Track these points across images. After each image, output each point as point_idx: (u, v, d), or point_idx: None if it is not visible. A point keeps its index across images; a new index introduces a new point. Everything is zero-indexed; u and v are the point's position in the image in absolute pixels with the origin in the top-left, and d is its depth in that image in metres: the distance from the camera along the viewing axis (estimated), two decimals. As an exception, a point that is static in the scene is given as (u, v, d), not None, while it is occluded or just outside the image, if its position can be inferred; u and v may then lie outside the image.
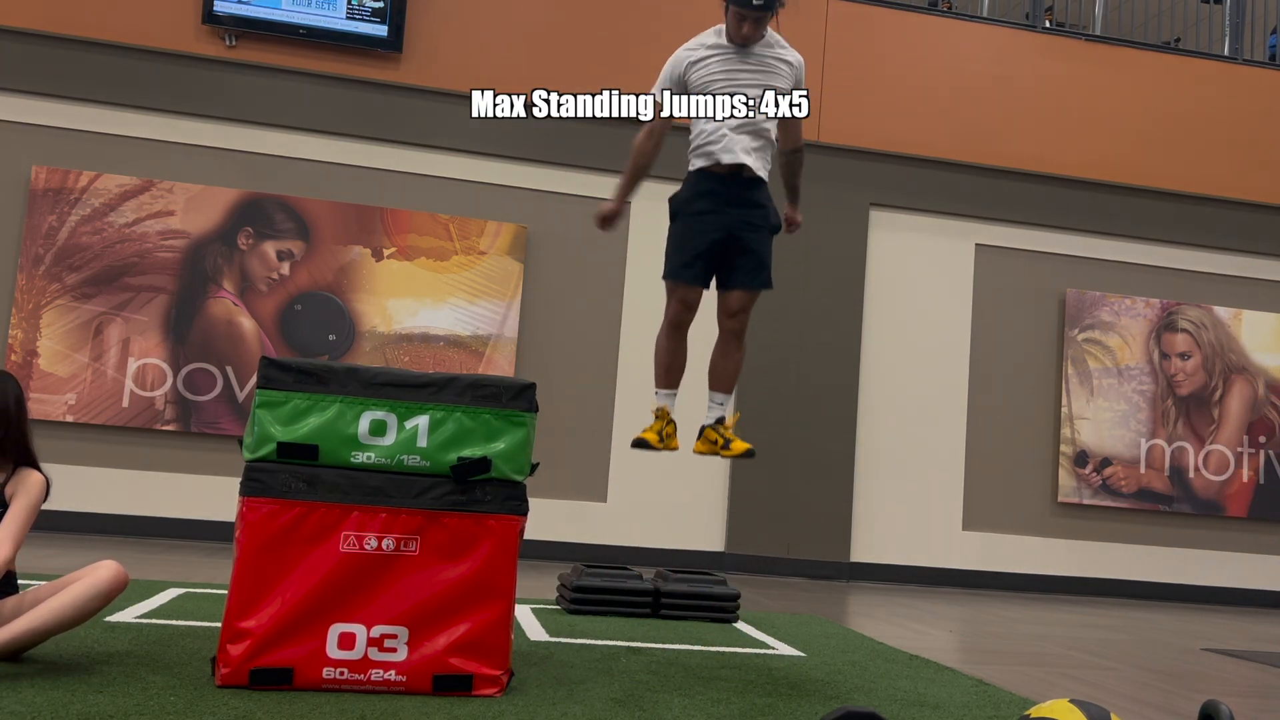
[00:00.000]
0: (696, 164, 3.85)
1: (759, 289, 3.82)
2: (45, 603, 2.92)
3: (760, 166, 3.82)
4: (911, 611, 6.26)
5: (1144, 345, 8.80)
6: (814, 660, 4.05)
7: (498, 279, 7.84)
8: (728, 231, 3.77)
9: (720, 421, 3.79)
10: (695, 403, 4.34)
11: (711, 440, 3.79)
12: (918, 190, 8.60)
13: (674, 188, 4.06)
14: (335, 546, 2.91)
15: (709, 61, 3.80)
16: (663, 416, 3.82)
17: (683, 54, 3.86)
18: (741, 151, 3.74)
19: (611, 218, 3.90)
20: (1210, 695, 4.03)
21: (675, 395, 3.84)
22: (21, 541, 2.96)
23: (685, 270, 3.75)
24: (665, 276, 3.81)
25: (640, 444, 3.67)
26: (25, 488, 3.03)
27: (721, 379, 3.83)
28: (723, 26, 3.87)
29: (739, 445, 3.67)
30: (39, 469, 3.09)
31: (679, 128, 3.96)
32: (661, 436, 3.73)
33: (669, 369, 3.80)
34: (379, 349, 7.65)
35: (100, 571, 2.95)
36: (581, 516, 7.83)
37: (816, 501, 8.12)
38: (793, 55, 3.91)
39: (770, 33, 3.87)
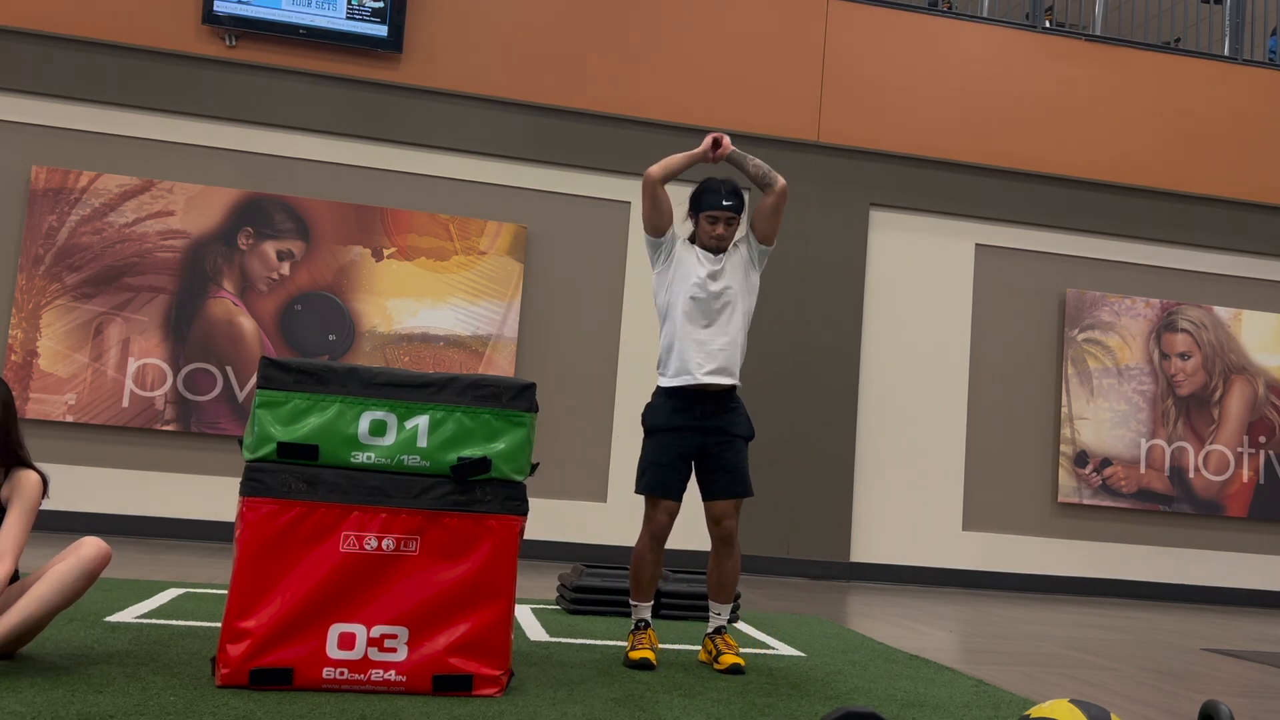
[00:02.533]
0: (665, 382, 3.84)
1: (741, 497, 3.83)
2: (32, 590, 2.90)
3: (729, 376, 3.80)
4: (911, 611, 6.26)
5: (1144, 345, 8.80)
6: (814, 660, 4.05)
7: (498, 279, 7.84)
8: (701, 448, 3.80)
9: (720, 632, 3.82)
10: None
11: (708, 650, 3.83)
12: (918, 190, 8.60)
13: (672, 189, 4.05)
14: (335, 546, 2.91)
15: (689, 260, 3.79)
16: (644, 630, 3.79)
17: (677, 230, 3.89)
18: (708, 373, 3.75)
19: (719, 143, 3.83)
20: (1210, 695, 4.03)
21: (650, 608, 3.87)
22: (22, 549, 2.94)
23: (660, 487, 3.78)
24: (639, 492, 3.82)
25: (641, 665, 3.63)
26: (21, 491, 2.98)
27: (720, 590, 3.87)
28: (688, 239, 3.88)
29: (726, 659, 3.68)
30: (34, 467, 3.04)
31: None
32: (655, 651, 3.73)
33: (649, 583, 3.85)
34: (379, 349, 7.65)
35: (83, 549, 2.94)
36: (581, 516, 7.83)
37: (816, 501, 8.12)
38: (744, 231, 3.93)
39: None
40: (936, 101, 8.60)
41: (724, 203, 3.77)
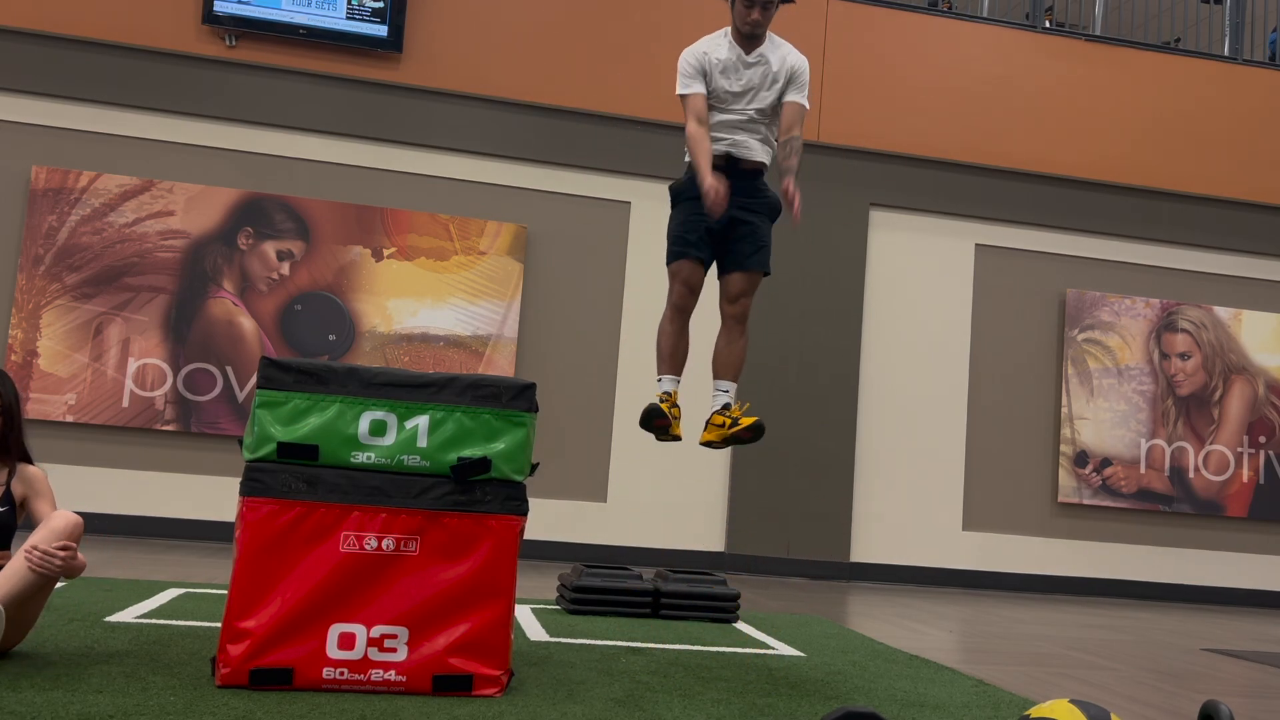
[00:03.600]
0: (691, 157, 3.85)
1: (758, 270, 3.81)
2: (8, 565, 2.90)
3: (761, 153, 3.83)
4: (911, 611, 6.26)
5: (1144, 345, 8.80)
6: (814, 660, 4.05)
7: (498, 279, 7.84)
8: (727, 215, 3.76)
9: (726, 408, 3.79)
10: (698, 396, 4.33)
11: (718, 424, 3.77)
12: (918, 190, 8.60)
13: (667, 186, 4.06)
14: (335, 546, 2.91)
15: (724, 72, 3.79)
16: (669, 399, 3.80)
17: (704, 50, 3.83)
18: (740, 144, 3.75)
19: (719, 186, 3.74)
20: (1210, 695, 4.03)
21: (679, 381, 3.83)
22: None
23: (688, 249, 3.74)
24: (669, 260, 3.80)
25: (651, 413, 3.60)
26: (39, 485, 3.11)
27: (726, 367, 3.82)
28: (727, 29, 3.85)
29: (747, 420, 3.65)
30: (33, 463, 3.14)
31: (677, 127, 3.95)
32: (669, 415, 3.71)
33: (672, 354, 3.79)
34: (379, 349, 7.65)
35: (54, 522, 2.95)
36: (581, 516, 7.83)
37: (816, 501, 8.12)
38: (796, 59, 3.91)
39: (773, 37, 3.87)
40: (936, 101, 8.60)
41: None
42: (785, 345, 8.18)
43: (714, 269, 3.96)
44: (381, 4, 7.78)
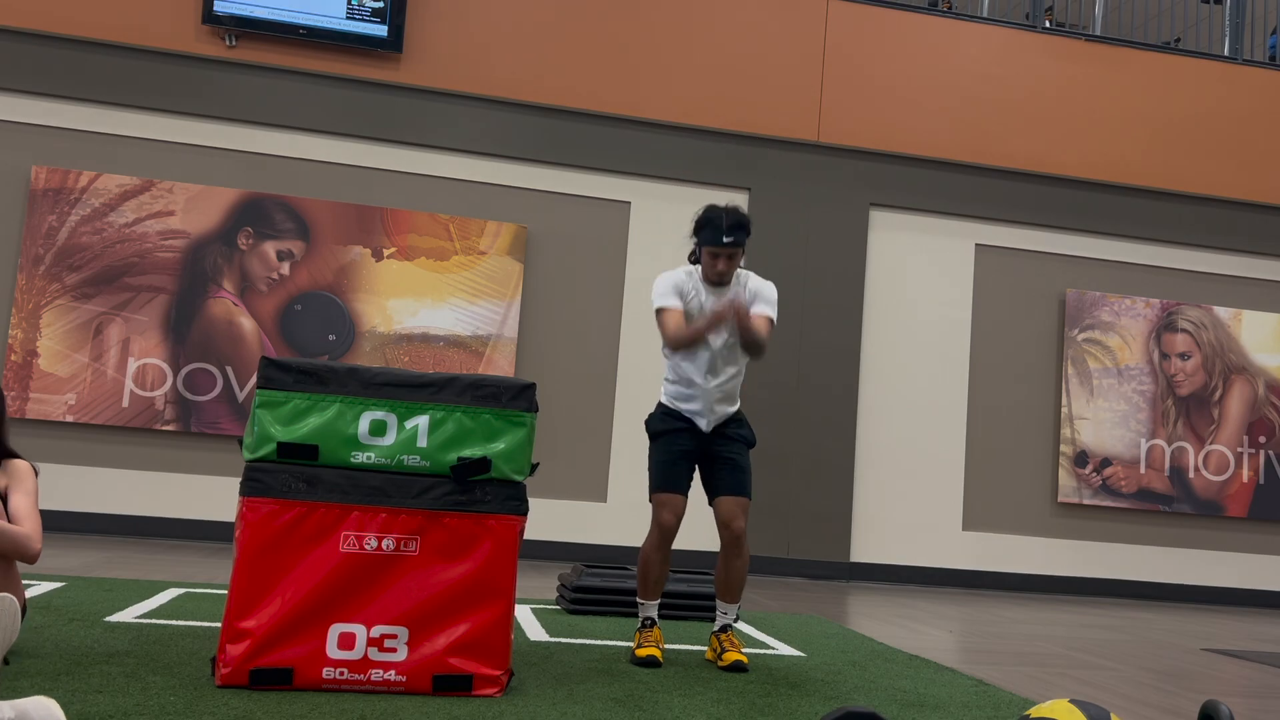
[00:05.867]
0: (669, 403, 3.87)
1: (745, 497, 3.84)
2: None
3: (730, 407, 3.87)
4: (911, 611, 6.26)
5: (1144, 345, 8.80)
6: (814, 660, 4.05)
7: (498, 279, 7.84)
8: (705, 448, 3.85)
9: (725, 630, 3.85)
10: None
11: (714, 649, 3.87)
12: (918, 190, 8.60)
13: (672, 189, 4.06)
14: (335, 546, 2.91)
15: (694, 298, 3.80)
16: (654, 630, 3.83)
17: (680, 276, 3.82)
18: (717, 412, 3.82)
19: (723, 306, 3.67)
20: (1210, 695, 4.03)
21: (658, 606, 3.89)
22: (40, 528, 2.98)
23: (668, 481, 3.79)
24: (652, 492, 3.83)
25: (648, 663, 3.68)
26: (19, 477, 3.06)
27: (728, 590, 3.89)
28: (693, 269, 3.85)
29: (730, 656, 3.73)
30: (20, 457, 3.10)
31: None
32: (661, 649, 3.78)
33: (656, 583, 3.87)
34: (379, 349, 7.65)
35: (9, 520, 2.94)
36: (581, 516, 7.83)
37: (816, 501, 8.12)
38: (760, 282, 3.89)
39: (739, 274, 3.86)
40: (936, 101, 8.60)
41: (724, 239, 3.71)
42: (785, 345, 8.18)
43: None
44: (381, 4, 7.78)
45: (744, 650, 3.79)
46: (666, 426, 3.86)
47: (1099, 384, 8.69)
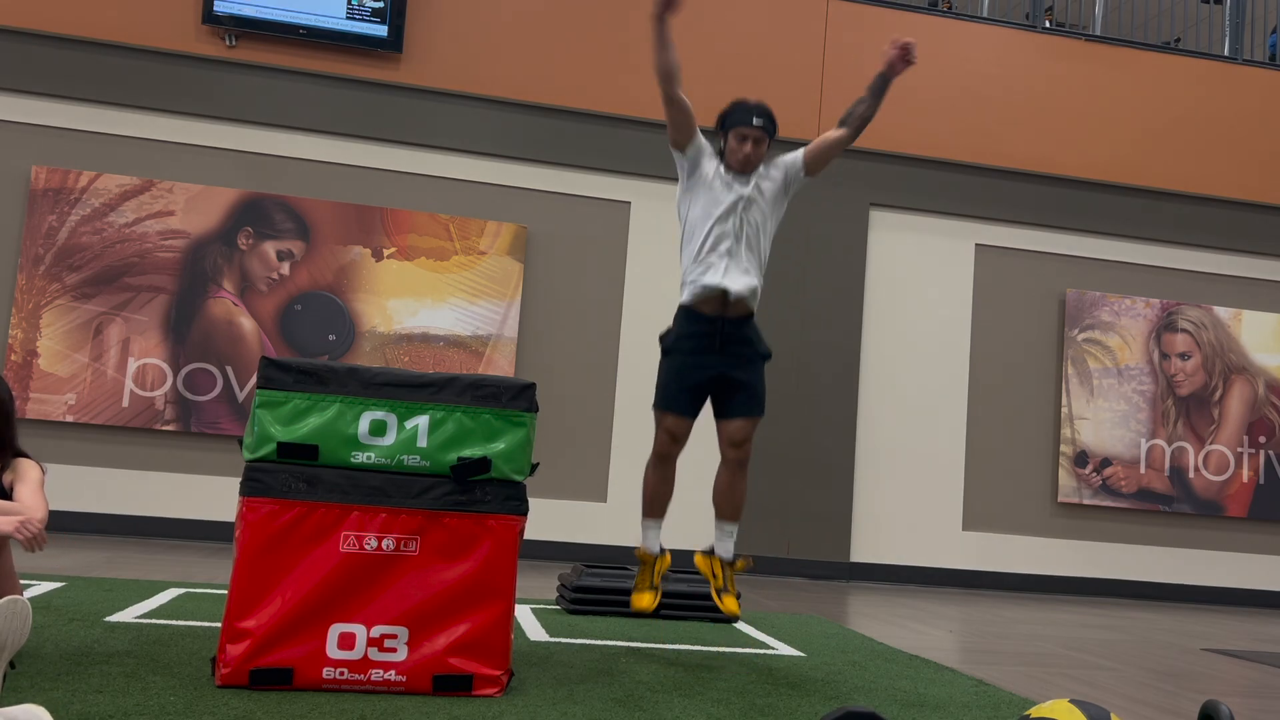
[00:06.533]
0: (685, 300, 3.83)
1: (755, 417, 3.81)
2: None
3: (749, 295, 3.80)
4: (911, 611, 6.26)
5: (1144, 345, 8.80)
6: (814, 660, 4.05)
7: (498, 279, 7.84)
8: (717, 371, 3.79)
9: (730, 564, 3.81)
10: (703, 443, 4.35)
11: (712, 574, 3.81)
12: (918, 190, 8.60)
13: (672, 189, 4.06)
14: (335, 546, 2.91)
15: (719, 175, 3.76)
16: (648, 563, 3.80)
17: (704, 145, 3.81)
18: (730, 276, 3.74)
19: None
20: (1210, 695, 4.03)
21: (660, 526, 3.85)
22: (45, 508, 2.95)
23: (675, 402, 3.75)
24: (655, 407, 3.79)
25: (642, 614, 3.66)
26: (24, 472, 3.06)
27: (727, 508, 3.83)
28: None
29: (729, 602, 3.68)
30: (29, 456, 3.10)
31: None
32: (656, 590, 3.73)
33: (656, 498, 3.82)
34: (379, 349, 7.65)
35: (14, 502, 2.93)
36: (581, 516, 7.83)
37: (816, 501, 8.12)
38: (782, 156, 3.88)
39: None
40: (936, 101, 8.60)
41: (754, 120, 3.67)
42: (785, 345, 8.18)
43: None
44: (381, 4, 7.78)
45: (742, 650, 3.77)
46: (682, 346, 3.77)
47: (1099, 384, 8.69)
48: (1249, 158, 9.07)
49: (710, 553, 3.94)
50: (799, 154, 3.89)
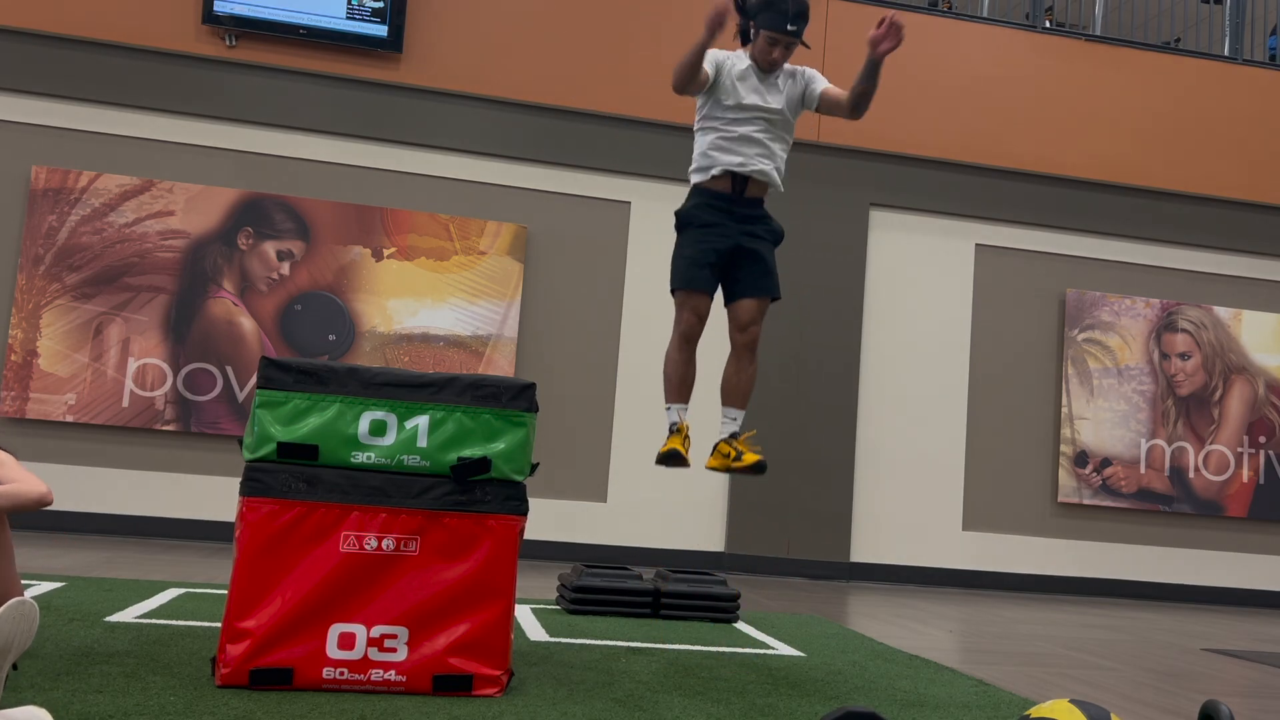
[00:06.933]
0: (698, 178, 3.83)
1: (767, 296, 3.80)
2: None
3: (769, 175, 3.81)
4: (911, 611, 6.26)
5: (1144, 345, 8.80)
6: (814, 660, 4.05)
7: (498, 279, 7.84)
8: (733, 241, 3.77)
9: (735, 436, 3.78)
10: (704, 422, 4.36)
11: (724, 454, 3.77)
12: (918, 190, 8.60)
13: (672, 189, 4.06)
14: (335, 546, 2.91)
15: (741, 78, 3.77)
16: (681, 431, 3.79)
17: (725, 55, 3.80)
18: (749, 162, 3.75)
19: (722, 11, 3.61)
20: (1210, 695, 4.03)
21: (687, 409, 3.82)
22: (35, 478, 2.90)
23: (695, 278, 3.72)
24: (675, 287, 3.76)
25: (670, 457, 3.61)
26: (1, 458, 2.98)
27: (735, 394, 3.80)
28: (742, 52, 3.82)
29: (750, 457, 3.65)
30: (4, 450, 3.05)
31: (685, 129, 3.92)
32: (685, 457, 3.72)
33: (681, 383, 3.77)
34: (379, 349, 7.65)
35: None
36: (581, 516, 7.83)
37: (816, 501, 8.12)
38: (809, 69, 3.92)
39: (787, 65, 3.87)
40: (936, 101, 8.60)
41: (789, 26, 3.65)
42: (785, 345, 8.17)
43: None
44: (381, 4, 7.78)
45: (742, 650, 3.77)
46: (697, 219, 3.75)
47: (1099, 384, 8.69)
48: (1249, 158, 9.07)
49: (716, 446, 3.88)
50: (819, 86, 3.88)
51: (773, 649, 4.26)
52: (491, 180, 8.00)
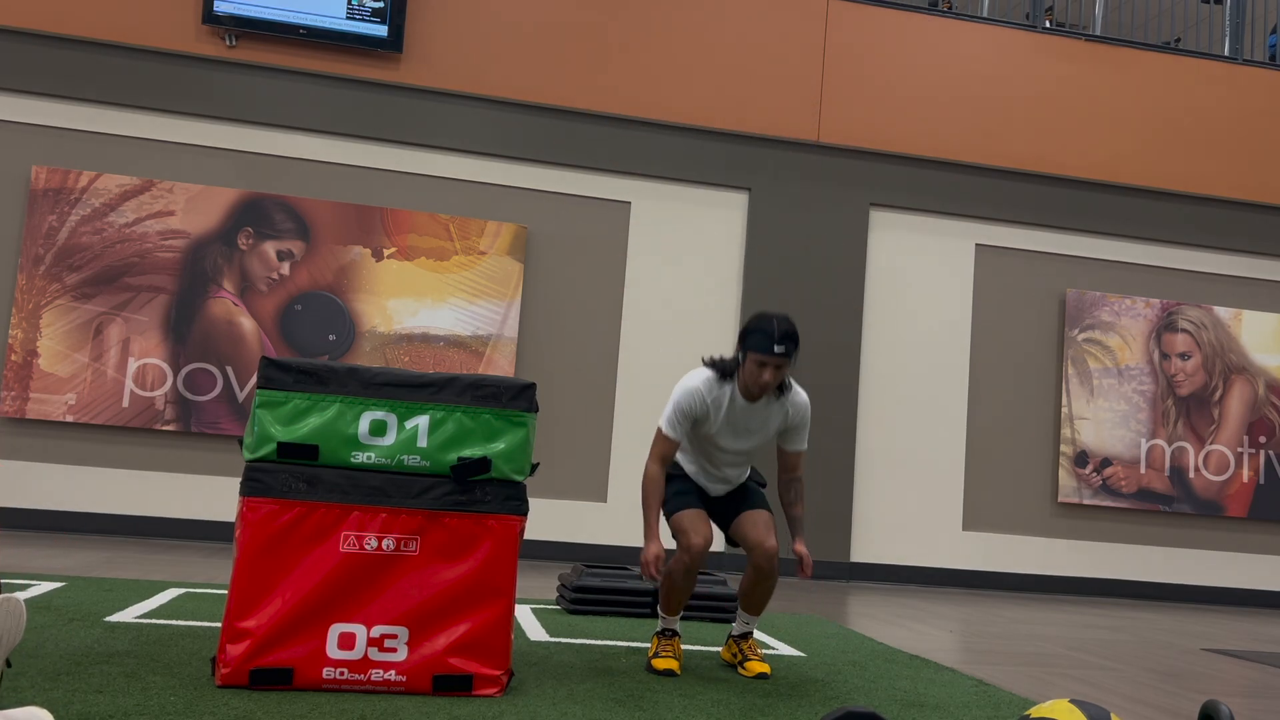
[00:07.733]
0: (687, 469, 3.79)
1: (765, 508, 3.73)
2: None
3: (744, 473, 3.82)
4: (911, 611, 6.25)
5: (1144, 345, 8.80)
6: (814, 660, 4.05)
7: (498, 279, 7.84)
8: (720, 498, 3.82)
9: (746, 637, 3.76)
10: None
11: (733, 652, 3.78)
12: (918, 190, 8.60)
13: (673, 189, 4.05)
14: (335, 546, 2.91)
15: (728, 419, 3.63)
16: (671, 638, 3.70)
17: (707, 398, 3.58)
18: (730, 481, 3.79)
19: (661, 557, 3.53)
20: (1210, 695, 4.03)
21: (679, 619, 3.80)
22: None
23: (691, 504, 3.64)
24: (672, 515, 3.65)
25: (666, 674, 3.57)
26: None
27: (752, 604, 3.72)
28: (710, 375, 3.61)
29: (754, 666, 3.63)
30: None
31: None
32: (680, 661, 3.68)
33: (678, 602, 3.67)
34: (379, 349, 7.65)
35: None
36: (581, 516, 7.83)
37: (816, 501, 8.12)
38: (801, 400, 3.71)
39: (789, 390, 3.69)
40: (936, 101, 8.60)
41: (775, 348, 3.44)
42: (785, 345, 8.17)
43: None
44: (381, 4, 7.78)
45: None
46: (683, 482, 3.77)
47: (1099, 384, 8.69)
48: (1249, 158, 9.07)
49: (728, 640, 3.88)
50: (791, 444, 3.73)
51: (773, 649, 4.26)
52: (491, 180, 8.00)
